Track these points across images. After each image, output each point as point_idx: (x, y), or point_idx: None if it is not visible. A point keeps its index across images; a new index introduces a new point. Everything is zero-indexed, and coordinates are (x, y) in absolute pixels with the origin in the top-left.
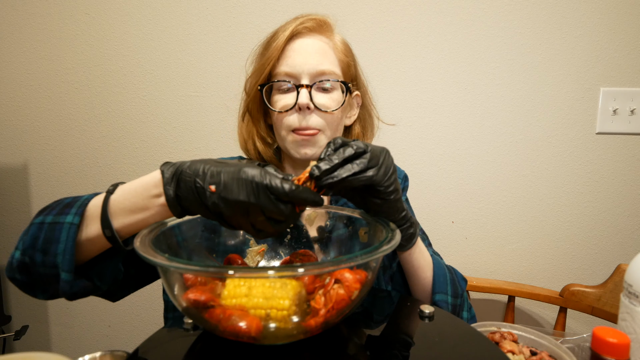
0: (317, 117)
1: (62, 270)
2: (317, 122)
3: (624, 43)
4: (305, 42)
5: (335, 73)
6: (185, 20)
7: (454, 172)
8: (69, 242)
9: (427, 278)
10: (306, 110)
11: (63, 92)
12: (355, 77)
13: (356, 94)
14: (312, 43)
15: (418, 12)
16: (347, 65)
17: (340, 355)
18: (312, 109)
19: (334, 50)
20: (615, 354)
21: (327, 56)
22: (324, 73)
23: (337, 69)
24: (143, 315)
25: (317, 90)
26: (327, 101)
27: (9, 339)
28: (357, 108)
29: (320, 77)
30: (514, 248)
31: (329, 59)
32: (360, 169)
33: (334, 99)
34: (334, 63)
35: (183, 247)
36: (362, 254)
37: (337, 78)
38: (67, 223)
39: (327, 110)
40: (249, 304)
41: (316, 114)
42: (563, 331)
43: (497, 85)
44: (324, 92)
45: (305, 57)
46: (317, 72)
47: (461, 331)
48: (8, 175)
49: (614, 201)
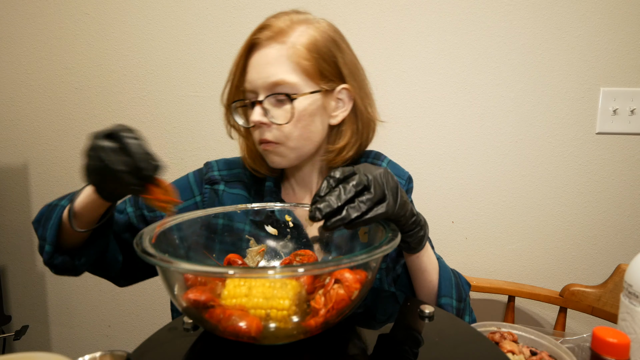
0: (273, 131)
1: (47, 243)
2: (273, 135)
3: (624, 43)
4: (259, 54)
5: (290, 82)
6: (185, 20)
7: (454, 172)
8: (56, 219)
9: (433, 281)
10: (262, 125)
11: (63, 92)
12: (332, 73)
13: (342, 87)
14: (265, 54)
15: (418, 12)
16: (311, 67)
17: (340, 355)
18: (267, 123)
19: (292, 56)
20: (615, 354)
21: (280, 65)
22: (277, 84)
23: (293, 76)
24: (143, 315)
25: (273, 103)
26: (281, 114)
27: (9, 339)
28: (348, 103)
29: (275, 89)
30: (514, 248)
31: (283, 67)
32: (368, 207)
33: (288, 110)
34: (289, 71)
35: (183, 247)
36: (362, 254)
37: (293, 87)
38: (60, 205)
39: (280, 124)
40: (249, 304)
41: (273, 127)
42: (563, 331)
43: (497, 85)
44: (279, 104)
45: (259, 72)
46: (270, 85)
47: (461, 331)
48: (8, 175)
49: (614, 201)
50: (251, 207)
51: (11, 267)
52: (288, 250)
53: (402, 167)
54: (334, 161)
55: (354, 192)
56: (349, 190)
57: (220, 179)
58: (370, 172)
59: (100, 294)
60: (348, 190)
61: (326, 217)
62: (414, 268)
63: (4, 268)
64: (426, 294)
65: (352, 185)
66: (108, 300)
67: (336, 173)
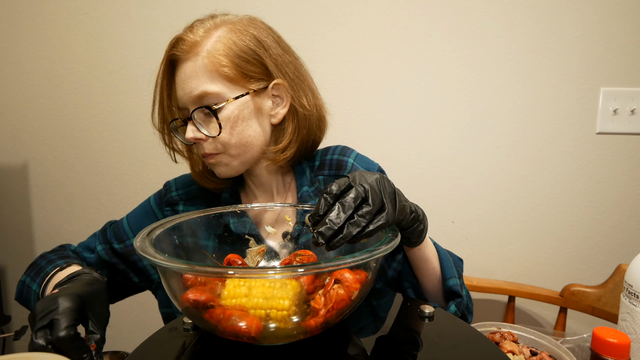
0: (209, 144)
1: None
2: (211, 147)
3: (624, 43)
4: (180, 71)
5: (213, 92)
6: (185, 20)
7: (454, 172)
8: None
9: (435, 267)
10: (199, 140)
11: (63, 92)
12: (260, 72)
13: (274, 83)
14: (184, 69)
15: (418, 12)
16: (232, 72)
17: (340, 355)
18: (202, 138)
19: (208, 65)
20: (615, 354)
21: (199, 77)
22: (200, 97)
23: (215, 85)
24: (143, 315)
25: (201, 117)
26: (211, 126)
27: (8, 339)
28: (286, 99)
29: (201, 102)
30: (514, 248)
31: (202, 79)
32: (368, 220)
33: (221, 119)
34: (209, 80)
35: (182, 247)
36: (362, 254)
37: (217, 96)
38: (33, 290)
39: (214, 136)
40: (248, 304)
41: (210, 140)
42: (563, 331)
43: (497, 85)
44: (207, 117)
45: (182, 88)
46: (195, 99)
47: (461, 331)
48: (8, 175)
49: (614, 201)
50: (251, 207)
51: (11, 267)
52: (288, 250)
53: (371, 160)
54: (279, 160)
55: (353, 207)
56: (348, 207)
57: (179, 199)
58: (366, 181)
59: None
60: (347, 207)
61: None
62: (416, 259)
63: (4, 268)
64: (431, 280)
65: (351, 200)
66: None
67: (332, 188)
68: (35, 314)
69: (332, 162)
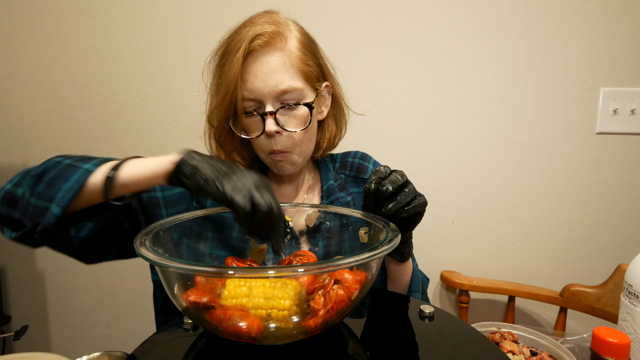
0: (286, 139)
1: (57, 205)
2: (287, 144)
3: (624, 43)
4: (260, 63)
5: (297, 88)
6: (185, 20)
7: (454, 172)
8: (77, 183)
9: (407, 281)
10: (275, 134)
11: (63, 92)
12: (320, 73)
13: (325, 85)
14: (267, 62)
15: (418, 12)
16: (308, 70)
17: (340, 355)
18: (281, 132)
19: (291, 62)
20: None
21: (285, 72)
22: (285, 92)
23: (298, 82)
24: (143, 315)
25: (282, 111)
26: (293, 121)
27: (8, 339)
28: (329, 98)
29: (283, 97)
30: (514, 248)
31: (288, 74)
32: (412, 197)
33: (299, 116)
34: (294, 77)
35: (182, 247)
36: (362, 254)
37: (300, 93)
38: (84, 168)
39: (294, 131)
40: (249, 304)
41: (284, 135)
42: (563, 331)
43: (497, 85)
44: (289, 110)
45: (264, 80)
46: (279, 93)
47: (461, 331)
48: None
49: (614, 201)
50: None
51: (11, 267)
52: (288, 251)
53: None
54: (317, 155)
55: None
56: (401, 177)
57: None
58: None
59: (100, 294)
60: (401, 177)
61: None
62: (397, 273)
63: (4, 268)
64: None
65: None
66: (108, 300)
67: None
68: None
69: (353, 165)
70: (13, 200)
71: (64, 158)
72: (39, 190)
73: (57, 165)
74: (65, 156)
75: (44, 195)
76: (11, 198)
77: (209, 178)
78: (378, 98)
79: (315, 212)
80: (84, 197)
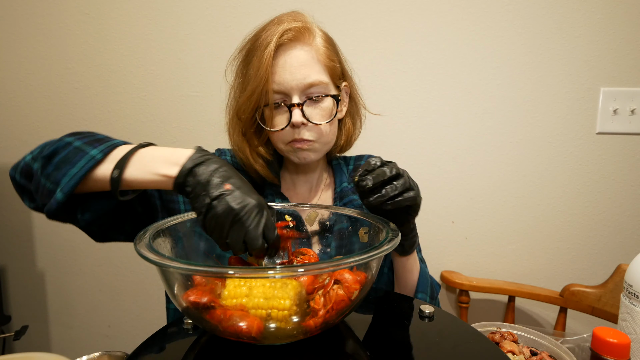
0: (310, 130)
1: (61, 191)
2: (311, 134)
3: (624, 43)
4: (289, 56)
5: (323, 82)
6: (185, 20)
7: (454, 172)
8: (82, 170)
9: (414, 280)
10: (301, 125)
11: (63, 92)
12: (341, 72)
13: (344, 84)
14: (296, 56)
15: (418, 12)
16: (333, 67)
17: (340, 355)
18: (306, 123)
19: (318, 58)
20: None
21: (312, 66)
22: (312, 85)
23: (324, 76)
24: (143, 315)
25: (308, 104)
26: (318, 114)
27: (8, 339)
28: (346, 98)
29: (310, 90)
30: (514, 248)
31: (315, 68)
32: (401, 190)
33: (324, 108)
34: (320, 71)
35: (183, 247)
36: (362, 254)
37: (325, 86)
38: (90, 155)
39: (320, 123)
40: (249, 304)
41: (309, 127)
42: (563, 331)
43: (497, 85)
44: (314, 103)
45: (292, 73)
46: (306, 86)
47: (461, 331)
48: (8, 175)
49: (614, 201)
50: None
51: (11, 267)
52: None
53: None
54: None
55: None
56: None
57: None
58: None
59: (100, 294)
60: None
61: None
62: (402, 269)
63: (4, 268)
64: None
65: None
66: (108, 300)
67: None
68: None
69: None
70: (29, 173)
71: (76, 138)
72: (48, 171)
73: (67, 146)
74: (77, 135)
75: (52, 178)
76: (28, 171)
77: None
78: (378, 98)
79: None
80: (88, 185)
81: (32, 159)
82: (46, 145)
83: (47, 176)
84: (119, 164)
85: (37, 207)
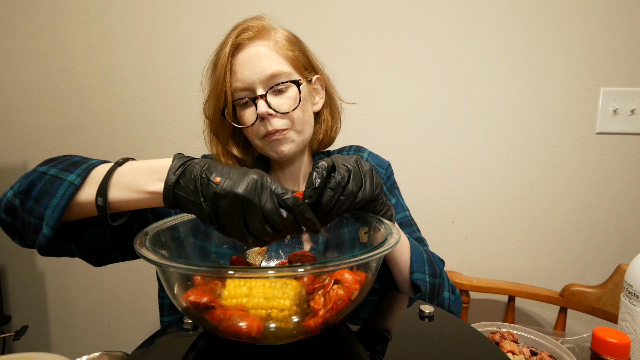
0: (280, 119)
1: (46, 225)
2: (282, 123)
3: (624, 43)
4: (248, 52)
5: (285, 72)
6: (185, 20)
7: (454, 172)
8: (63, 200)
9: (406, 260)
10: (268, 117)
11: (63, 92)
12: (308, 64)
13: (316, 77)
14: (255, 51)
15: (418, 12)
16: (296, 58)
17: (340, 355)
18: (273, 114)
19: (278, 50)
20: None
21: (272, 58)
22: (274, 75)
23: (286, 67)
24: (143, 315)
25: (273, 94)
26: (284, 102)
27: (8, 339)
28: (322, 91)
29: (272, 81)
30: (514, 248)
31: (275, 60)
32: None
33: (290, 97)
34: (281, 62)
35: (183, 247)
36: (362, 254)
37: (288, 76)
38: (67, 181)
39: (287, 112)
40: (249, 304)
41: (278, 116)
42: (563, 331)
43: (497, 85)
44: (279, 94)
45: (252, 68)
46: (267, 77)
47: (461, 331)
48: (8, 175)
49: (614, 201)
50: None
51: (11, 267)
52: (288, 251)
53: (381, 157)
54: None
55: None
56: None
57: None
58: (347, 162)
59: (100, 294)
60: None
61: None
62: None
63: (4, 268)
64: (400, 273)
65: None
66: (108, 300)
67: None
68: None
69: None
70: (13, 210)
71: (49, 166)
72: (28, 207)
73: (42, 176)
74: (50, 162)
75: (35, 213)
76: (12, 208)
77: None
78: (378, 98)
79: None
80: (74, 212)
81: (13, 195)
82: (22, 178)
83: (29, 212)
84: (100, 189)
85: (27, 244)
